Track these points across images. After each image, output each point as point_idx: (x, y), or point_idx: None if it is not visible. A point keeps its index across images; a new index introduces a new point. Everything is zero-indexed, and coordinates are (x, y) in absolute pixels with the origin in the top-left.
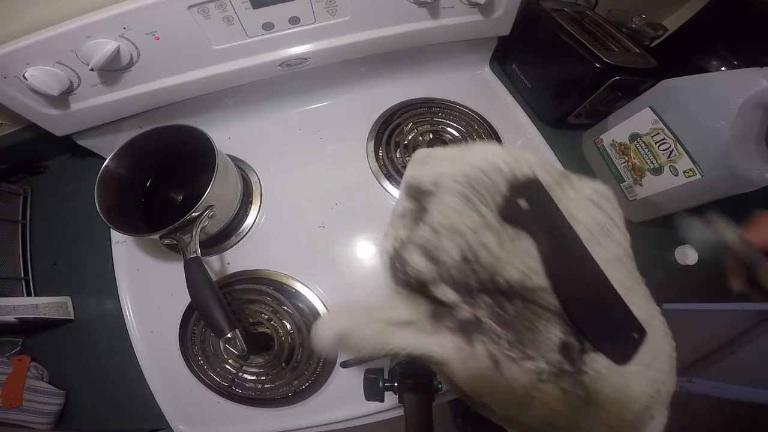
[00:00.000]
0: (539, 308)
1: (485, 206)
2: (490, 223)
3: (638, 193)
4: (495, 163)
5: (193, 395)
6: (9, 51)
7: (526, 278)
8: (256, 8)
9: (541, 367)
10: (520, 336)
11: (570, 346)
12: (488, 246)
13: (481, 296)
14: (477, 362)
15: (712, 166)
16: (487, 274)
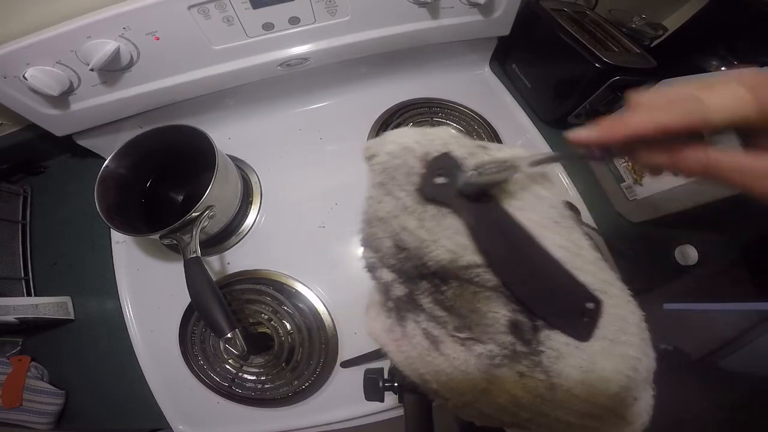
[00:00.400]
0: (477, 287)
1: (401, 190)
2: (408, 206)
3: (638, 193)
4: (406, 144)
5: (193, 395)
6: (9, 51)
7: (457, 256)
8: (256, 8)
9: (492, 350)
10: (465, 320)
11: (520, 324)
12: (409, 229)
13: (422, 283)
14: (411, 343)
15: None
16: (417, 258)
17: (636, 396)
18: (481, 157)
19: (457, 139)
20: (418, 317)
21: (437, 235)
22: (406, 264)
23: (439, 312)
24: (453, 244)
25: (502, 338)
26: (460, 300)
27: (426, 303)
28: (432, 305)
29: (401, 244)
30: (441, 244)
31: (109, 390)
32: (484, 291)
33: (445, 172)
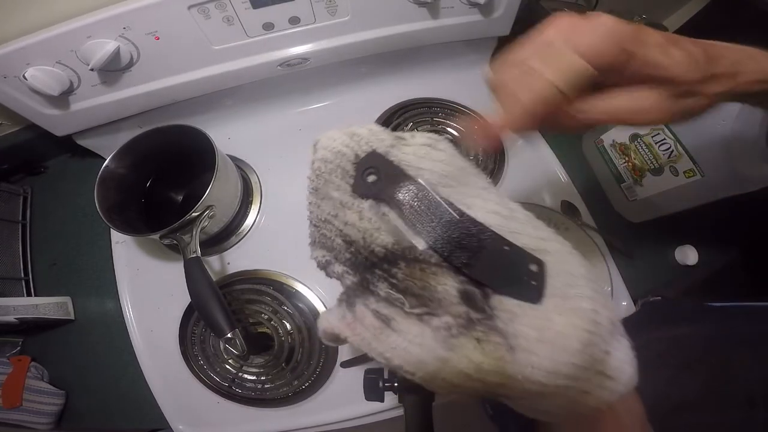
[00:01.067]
0: (423, 264)
1: (335, 189)
2: (346, 202)
3: (638, 194)
4: (337, 149)
5: (193, 395)
6: (9, 51)
7: (399, 238)
8: (256, 8)
9: (448, 321)
10: (420, 297)
11: (470, 294)
12: (351, 223)
13: (375, 272)
14: (363, 324)
15: (713, 167)
16: (364, 249)
17: (606, 349)
18: (400, 148)
19: (377, 134)
20: (367, 300)
21: (377, 224)
22: (358, 257)
23: (396, 294)
24: (393, 228)
25: (456, 309)
26: (410, 279)
27: (383, 289)
28: (388, 290)
29: (347, 239)
30: (382, 230)
31: (109, 390)
32: (430, 266)
33: (375, 170)
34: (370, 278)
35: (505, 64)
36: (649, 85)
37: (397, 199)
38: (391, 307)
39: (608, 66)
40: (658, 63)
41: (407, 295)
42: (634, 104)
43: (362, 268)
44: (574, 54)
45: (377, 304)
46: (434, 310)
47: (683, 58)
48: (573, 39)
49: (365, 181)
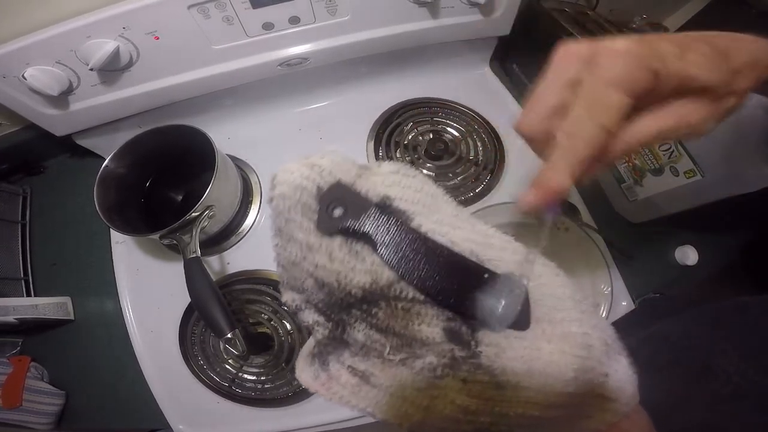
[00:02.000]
0: (405, 302)
1: (300, 230)
2: (312, 244)
3: (639, 194)
4: (296, 183)
5: (193, 395)
6: (9, 51)
7: (377, 276)
8: (256, 8)
9: (432, 361)
10: (402, 338)
11: (455, 330)
12: (322, 266)
13: (352, 312)
14: (339, 383)
15: (713, 167)
16: (340, 291)
17: (604, 372)
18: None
19: (340, 165)
20: (341, 356)
21: (351, 263)
22: (332, 298)
23: (377, 336)
24: (369, 265)
25: (441, 347)
26: (392, 319)
27: (361, 330)
28: (368, 331)
29: (320, 281)
30: (357, 269)
31: (109, 390)
32: (414, 305)
33: (340, 203)
34: (347, 319)
35: (537, 114)
36: (689, 99)
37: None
38: (368, 360)
39: (643, 91)
40: (687, 75)
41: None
42: (687, 120)
43: (337, 308)
44: (610, 89)
45: (353, 358)
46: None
47: (704, 61)
48: (601, 73)
49: (331, 216)
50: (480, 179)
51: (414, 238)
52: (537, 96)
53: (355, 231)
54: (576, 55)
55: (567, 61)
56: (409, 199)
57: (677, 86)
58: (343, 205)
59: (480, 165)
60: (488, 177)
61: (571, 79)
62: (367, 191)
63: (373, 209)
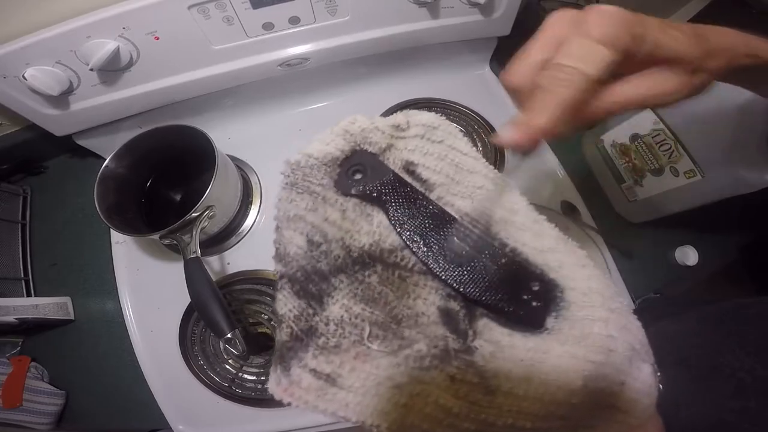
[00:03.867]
0: (404, 271)
1: (318, 185)
2: (329, 198)
3: (639, 194)
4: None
5: (193, 395)
6: (9, 51)
7: (381, 238)
8: (256, 8)
9: (421, 350)
10: (393, 310)
11: (453, 314)
12: (332, 220)
13: (339, 277)
14: (301, 387)
15: (713, 168)
16: (339, 249)
17: (621, 380)
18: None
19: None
20: (304, 358)
21: (360, 223)
22: (321, 261)
23: (358, 309)
24: (375, 227)
25: (434, 330)
26: (387, 285)
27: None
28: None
29: (319, 238)
30: (364, 231)
31: (109, 390)
32: (412, 275)
33: (362, 167)
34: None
35: (524, 66)
36: (662, 68)
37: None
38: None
39: (623, 51)
40: (664, 44)
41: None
42: (660, 87)
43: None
44: (595, 43)
45: (316, 359)
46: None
47: (681, 36)
48: (585, 29)
49: (351, 178)
50: None
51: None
52: (526, 50)
53: (369, 193)
54: (566, 17)
55: (558, 22)
56: (431, 167)
57: (652, 52)
58: (364, 169)
59: None
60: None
61: (560, 36)
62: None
63: (391, 177)
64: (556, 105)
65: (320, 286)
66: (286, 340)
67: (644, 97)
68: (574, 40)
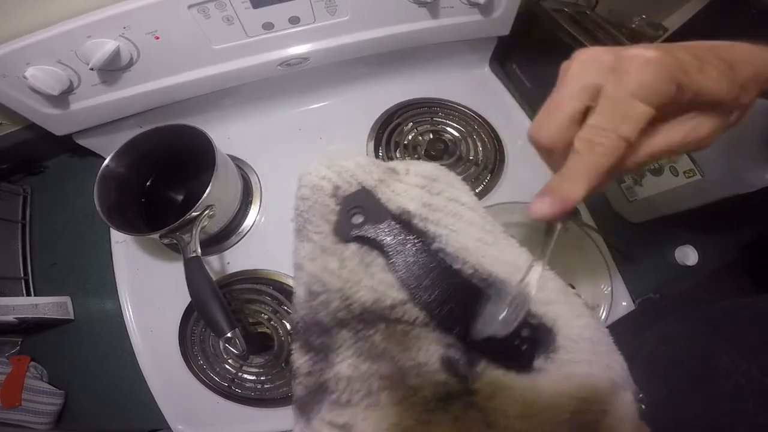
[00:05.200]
0: (406, 326)
1: (316, 232)
2: (327, 247)
3: (638, 194)
4: (314, 183)
5: (193, 395)
6: (9, 50)
7: (382, 296)
8: (256, 8)
9: (426, 396)
10: (398, 363)
11: (453, 361)
12: (331, 270)
13: (341, 333)
14: None
15: (713, 167)
16: (339, 301)
17: (603, 409)
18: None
19: (365, 168)
20: (321, 410)
21: (359, 275)
22: (321, 312)
23: (365, 366)
24: (376, 283)
25: (436, 377)
26: (390, 341)
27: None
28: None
29: (318, 288)
30: (364, 284)
31: (108, 390)
32: (414, 329)
33: (362, 210)
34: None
35: (555, 123)
36: (699, 112)
37: (384, 245)
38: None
39: (666, 104)
40: (705, 90)
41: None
42: (696, 133)
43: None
44: (636, 101)
45: (331, 413)
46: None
47: (720, 76)
48: (621, 80)
49: (349, 222)
50: (480, 179)
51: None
52: (555, 102)
53: (370, 241)
54: (598, 62)
55: (588, 67)
56: (431, 219)
57: (692, 99)
58: (364, 212)
59: (480, 165)
60: (488, 177)
61: (592, 85)
62: (388, 200)
63: (391, 223)
64: (594, 172)
65: (323, 340)
66: (302, 394)
67: (679, 146)
68: (611, 96)
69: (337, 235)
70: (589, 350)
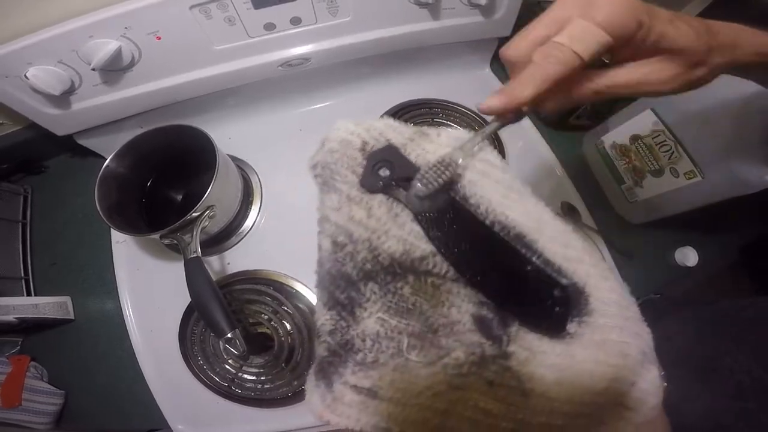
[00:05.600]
0: (437, 278)
1: (343, 182)
2: (353, 196)
3: (639, 195)
4: (343, 137)
5: (193, 395)
6: (11, 50)
7: (411, 247)
8: (258, 8)
9: (459, 357)
10: (428, 319)
11: (487, 320)
12: (357, 219)
13: (369, 285)
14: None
15: (713, 168)
16: (366, 251)
17: (633, 380)
18: (419, 143)
19: (394, 128)
20: (344, 373)
21: (388, 224)
22: (347, 264)
23: (394, 322)
24: (406, 233)
25: (469, 338)
26: (420, 295)
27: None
28: (383, 316)
29: (344, 239)
30: (392, 234)
31: (108, 390)
32: (445, 282)
33: (388, 164)
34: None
35: (524, 42)
36: (663, 57)
37: (412, 198)
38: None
39: (625, 36)
40: (669, 35)
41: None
42: (655, 75)
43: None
44: (596, 27)
45: (355, 375)
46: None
47: (690, 30)
48: (591, 12)
49: (376, 173)
50: None
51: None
52: (528, 27)
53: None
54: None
55: (567, 2)
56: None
57: (657, 42)
58: (391, 166)
59: None
60: None
61: (566, 17)
62: (417, 156)
63: (419, 175)
64: (541, 79)
65: (349, 294)
66: (324, 355)
67: (636, 83)
68: (576, 20)
69: (363, 186)
70: (619, 315)
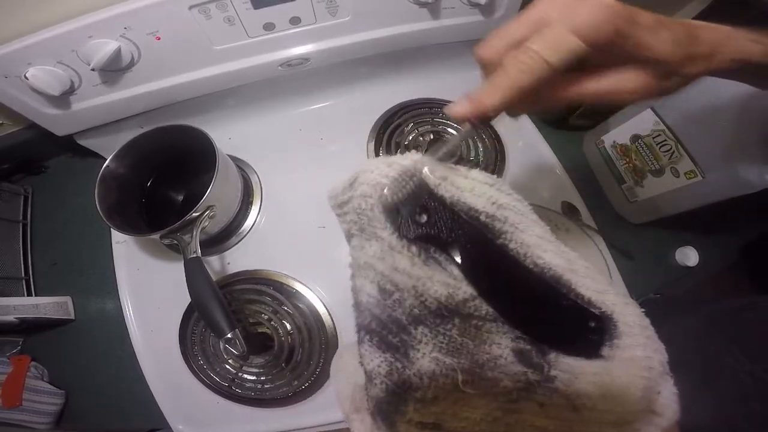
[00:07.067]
0: (478, 320)
1: (383, 229)
2: (395, 245)
3: (639, 195)
4: (377, 181)
5: (193, 395)
6: (10, 51)
7: (454, 291)
8: (257, 8)
9: (507, 386)
10: (474, 356)
11: (525, 352)
12: (402, 268)
13: (419, 329)
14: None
15: (714, 168)
16: (413, 298)
17: (658, 390)
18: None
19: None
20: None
21: (430, 272)
22: (396, 311)
23: (448, 360)
24: (448, 277)
25: (513, 369)
26: (465, 335)
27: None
28: (437, 355)
29: (390, 287)
30: (436, 279)
31: (109, 390)
32: (485, 323)
33: (425, 209)
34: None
35: (498, 42)
36: (635, 66)
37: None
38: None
39: (601, 44)
40: (645, 45)
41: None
42: (623, 85)
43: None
44: (569, 33)
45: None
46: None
47: (669, 39)
48: (570, 17)
49: (414, 220)
50: None
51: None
52: (505, 27)
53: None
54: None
55: (548, 2)
56: (498, 216)
57: (632, 50)
58: (427, 211)
59: (480, 166)
60: None
61: (545, 18)
62: (452, 197)
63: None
64: (510, 88)
65: (401, 337)
66: (382, 396)
67: (605, 92)
68: (551, 26)
69: (402, 233)
70: (641, 335)
